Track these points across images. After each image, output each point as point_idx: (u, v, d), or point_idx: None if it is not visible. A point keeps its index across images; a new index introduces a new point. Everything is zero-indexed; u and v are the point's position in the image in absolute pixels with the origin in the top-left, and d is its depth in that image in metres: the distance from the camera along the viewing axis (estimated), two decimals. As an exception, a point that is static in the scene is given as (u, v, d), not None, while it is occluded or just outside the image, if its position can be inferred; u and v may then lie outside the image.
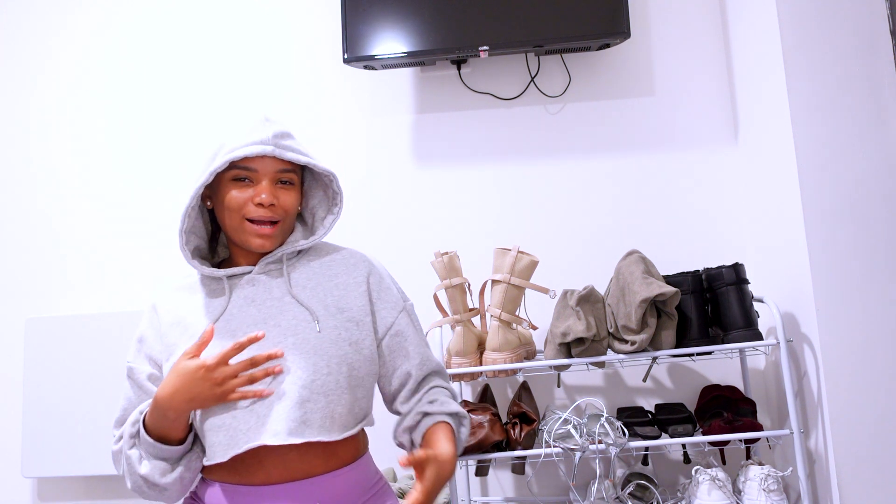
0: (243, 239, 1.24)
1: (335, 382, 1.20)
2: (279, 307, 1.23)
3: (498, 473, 2.06)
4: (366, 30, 2.03)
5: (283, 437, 1.14)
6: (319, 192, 1.35)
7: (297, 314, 1.22)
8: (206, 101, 2.28)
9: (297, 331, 1.21)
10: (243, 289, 1.25)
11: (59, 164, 2.31)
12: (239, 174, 1.22)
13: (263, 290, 1.25)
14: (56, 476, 2.10)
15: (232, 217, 1.23)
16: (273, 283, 1.26)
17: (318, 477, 1.19)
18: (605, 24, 1.98)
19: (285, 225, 1.26)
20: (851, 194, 1.65)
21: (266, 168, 1.23)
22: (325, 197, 1.34)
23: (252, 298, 1.24)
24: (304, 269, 1.29)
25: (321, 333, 1.21)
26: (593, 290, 1.68)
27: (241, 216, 1.22)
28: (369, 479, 1.27)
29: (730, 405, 1.76)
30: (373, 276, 1.32)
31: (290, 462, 1.18)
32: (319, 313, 1.23)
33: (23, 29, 2.37)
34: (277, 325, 1.21)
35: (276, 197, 1.23)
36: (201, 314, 1.25)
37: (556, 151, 2.16)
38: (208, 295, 1.27)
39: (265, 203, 1.21)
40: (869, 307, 1.62)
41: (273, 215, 1.23)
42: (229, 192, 1.23)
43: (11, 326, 2.26)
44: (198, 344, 1.14)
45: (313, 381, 1.18)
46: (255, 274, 1.26)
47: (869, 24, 1.68)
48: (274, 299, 1.24)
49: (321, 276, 1.29)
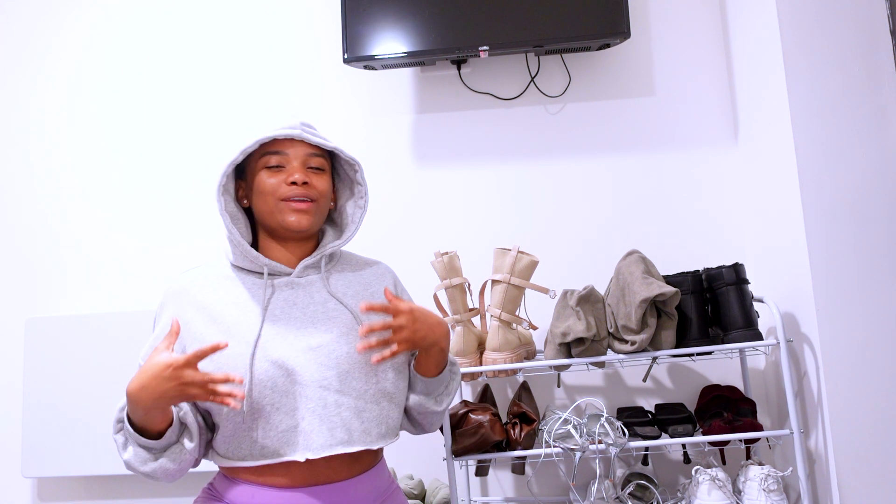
0: (280, 220, 1.24)
1: (383, 390, 1.23)
2: (324, 312, 1.25)
3: (498, 473, 2.06)
4: (366, 30, 2.03)
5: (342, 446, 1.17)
6: (346, 190, 1.37)
7: (346, 321, 1.25)
8: (207, 102, 2.28)
9: (349, 339, 1.23)
10: (282, 291, 1.26)
11: (59, 165, 2.31)
12: (270, 160, 1.25)
13: (304, 294, 1.26)
14: (56, 476, 2.10)
15: (267, 201, 1.25)
16: (313, 288, 1.27)
17: (341, 483, 1.20)
18: (605, 24, 1.98)
19: (320, 206, 1.27)
20: (851, 194, 1.65)
21: (296, 152, 1.26)
22: (352, 194, 1.36)
23: (293, 301, 1.25)
24: (340, 276, 1.32)
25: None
26: (593, 290, 1.68)
27: (277, 198, 1.24)
28: (385, 482, 1.30)
29: (730, 405, 1.76)
30: (398, 283, 1.39)
31: (318, 468, 1.19)
32: (363, 320, 1.26)
33: (22, 29, 2.37)
34: (328, 331, 1.22)
35: (309, 178, 1.25)
36: (237, 308, 1.23)
37: (556, 151, 2.16)
38: (245, 288, 1.26)
39: (299, 181, 1.23)
40: (869, 307, 1.62)
41: (307, 194, 1.24)
42: (263, 179, 1.25)
43: (11, 326, 2.26)
44: (199, 352, 1.10)
45: (366, 390, 1.21)
46: (294, 277, 1.27)
47: (869, 24, 1.68)
48: (317, 304, 1.25)
49: (357, 285, 1.32)
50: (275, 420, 1.16)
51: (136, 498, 2.16)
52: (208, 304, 1.24)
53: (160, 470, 1.17)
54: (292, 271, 1.28)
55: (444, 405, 1.32)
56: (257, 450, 1.17)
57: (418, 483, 1.91)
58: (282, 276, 1.28)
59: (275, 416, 1.16)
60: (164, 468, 1.17)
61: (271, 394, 1.16)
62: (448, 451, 1.65)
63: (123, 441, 1.17)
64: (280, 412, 1.16)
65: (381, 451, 1.32)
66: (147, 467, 1.16)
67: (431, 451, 2.06)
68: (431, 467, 2.06)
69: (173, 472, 1.18)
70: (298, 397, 1.17)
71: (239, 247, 1.25)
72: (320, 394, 1.17)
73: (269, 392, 1.16)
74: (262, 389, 1.16)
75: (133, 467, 1.17)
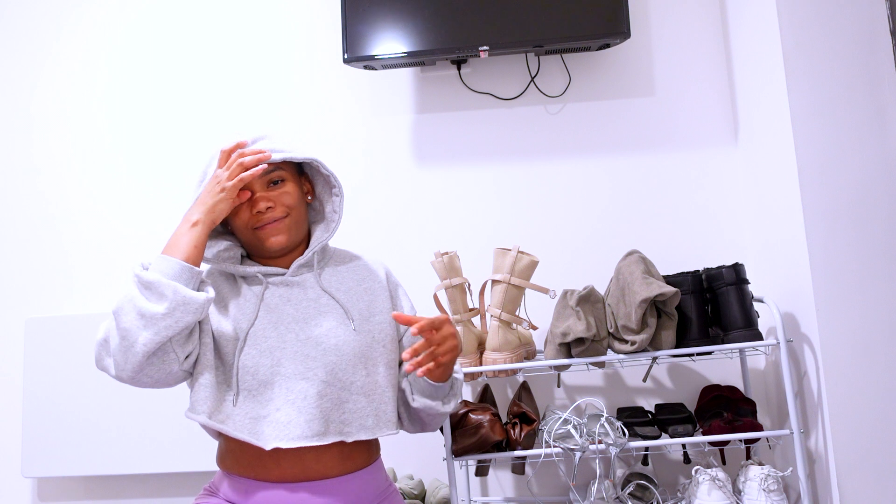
0: (261, 248, 1.29)
1: (372, 383, 1.26)
2: (316, 307, 1.28)
3: (498, 473, 2.06)
4: (366, 30, 2.03)
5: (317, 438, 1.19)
6: (321, 180, 1.39)
7: (336, 315, 1.27)
8: (207, 102, 2.28)
9: (339, 332, 1.25)
10: (278, 288, 1.30)
11: (60, 165, 2.31)
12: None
13: (298, 291, 1.29)
14: (56, 476, 2.10)
15: (243, 233, 1.30)
16: (307, 285, 1.31)
17: (333, 479, 1.21)
18: (605, 24, 1.97)
19: (295, 216, 1.30)
20: (851, 194, 1.65)
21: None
22: (328, 185, 1.38)
23: (288, 298, 1.29)
24: (334, 272, 1.35)
25: (358, 335, 1.27)
26: (593, 290, 1.68)
27: (250, 229, 1.29)
28: (380, 484, 1.31)
29: (730, 405, 1.76)
30: (389, 276, 1.41)
31: (307, 462, 1.21)
32: (354, 314, 1.29)
33: (24, 29, 2.37)
34: (319, 324, 1.26)
35: (271, 199, 1.28)
36: (235, 303, 1.28)
37: (556, 151, 2.16)
38: (246, 288, 1.31)
39: (262, 210, 1.27)
40: (869, 307, 1.62)
41: (275, 215, 1.28)
42: (233, 215, 1.30)
43: (11, 326, 2.26)
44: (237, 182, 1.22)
45: (353, 381, 1.23)
46: (288, 277, 1.30)
47: (869, 24, 1.68)
48: (310, 300, 1.29)
49: (351, 281, 1.35)
50: (248, 406, 1.20)
51: (136, 498, 2.16)
52: (220, 290, 1.31)
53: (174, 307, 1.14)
54: (286, 272, 1.31)
55: (451, 405, 1.33)
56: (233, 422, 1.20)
57: (418, 483, 1.91)
58: (277, 276, 1.31)
59: (248, 402, 1.20)
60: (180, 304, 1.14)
61: (251, 380, 1.20)
62: (448, 451, 1.65)
63: (128, 297, 1.16)
64: (256, 399, 1.20)
65: (376, 450, 1.32)
66: (177, 297, 1.13)
67: (431, 451, 2.06)
68: (431, 467, 2.06)
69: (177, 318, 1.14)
70: (277, 388, 1.20)
71: (235, 269, 1.31)
72: (302, 385, 1.20)
73: (250, 378, 1.21)
74: (243, 375, 1.21)
75: (119, 312, 1.15)
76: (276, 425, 1.18)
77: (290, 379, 1.20)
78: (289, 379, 1.20)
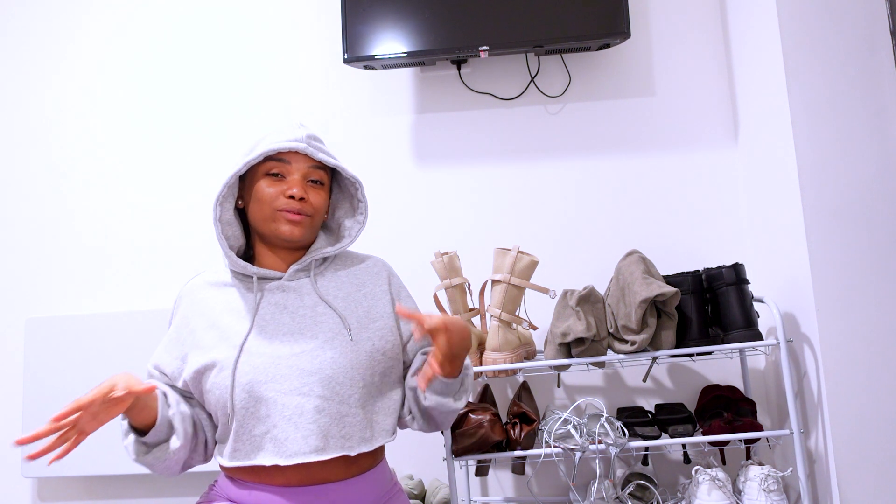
0: (273, 228, 1.27)
1: (370, 394, 1.25)
2: (312, 316, 1.26)
3: (498, 473, 2.06)
4: (366, 30, 2.03)
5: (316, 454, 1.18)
6: (346, 203, 1.39)
7: (332, 325, 1.25)
8: (207, 102, 2.28)
9: (335, 344, 1.23)
10: (273, 294, 1.28)
11: (60, 165, 2.31)
12: (272, 168, 1.27)
13: (295, 298, 1.28)
14: (56, 476, 2.10)
15: (263, 209, 1.27)
16: (304, 291, 1.29)
17: (336, 483, 1.21)
18: (605, 24, 1.98)
19: (316, 221, 1.30)
20: (851, 194, 1.65)
21: (298, 164, 1.27)
22: (351, 208, 1.38)
23: (284, 305, 1.27)
24: (333, 277, 1.33)
25: (356, 345, 1.25)
26: (593, 290, 1.68)
27: (273, 208, 1.26)
28: (385, 485, 1.30)
29: (730, 405, 1.76)
30: (392, 277, 1.38)
31: (312, 469, 1.20)
32: (352, 323, 1.27)
33: (27, 29, 2.37)
34: (315, 336, 1.24)
35: (307, 193, 1.27)
36: (231, 314, 1.27)
37: (556, 151, 2.16)
38: (239, 295, 1.29)
39: (296, 196, 1.25)
40: (869, 307, 1.62)
41: (303, 209, 1.27)
42: (262, 187, 1.27)
43: (11, 326, 2.26)
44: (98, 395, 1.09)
45: (350, 394, 1.22)
46: (285, 280, 1.29)
47: (869, 24, 1.68)
48: (306, 307, 1.27)
49: (350, 286, 1.32)
50: (248, 425, 1.19)
51: (136, 498, 2.16)
52: (208, 309, 1.28)
53: (151, 462, 1.21)
54: (283, 275, 1.29)
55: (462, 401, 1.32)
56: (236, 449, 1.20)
57: (418, 483, 1.91)
58: (273, 280, 1.30)
59: (249, 421, 1.19)
60: (152, 463, 1.21)
61: (247, 398, 1.19)
62: (448, 451, 1.65)
63: (125, 430, 1.22)
64: (254, 417, 1.19)
65: (380, 452, 1.32)
66: (139, 459, 1.21)
67: (431, 451, 2.06)
68: (431, 467, 2.06)
69: (161, 468, 1.22)
70: (273, 404, 1.19)
71: (229, 256, 1.29)
72: (298, 401, 1.18)
73: (246, 396, 1.19)
74: (239, 393, 1.19)
75: (129, 456, 1.22)
76: (273, 442, 1.17)
77: (285, 395, 1.18)
78: (284, 395, 1.18)
